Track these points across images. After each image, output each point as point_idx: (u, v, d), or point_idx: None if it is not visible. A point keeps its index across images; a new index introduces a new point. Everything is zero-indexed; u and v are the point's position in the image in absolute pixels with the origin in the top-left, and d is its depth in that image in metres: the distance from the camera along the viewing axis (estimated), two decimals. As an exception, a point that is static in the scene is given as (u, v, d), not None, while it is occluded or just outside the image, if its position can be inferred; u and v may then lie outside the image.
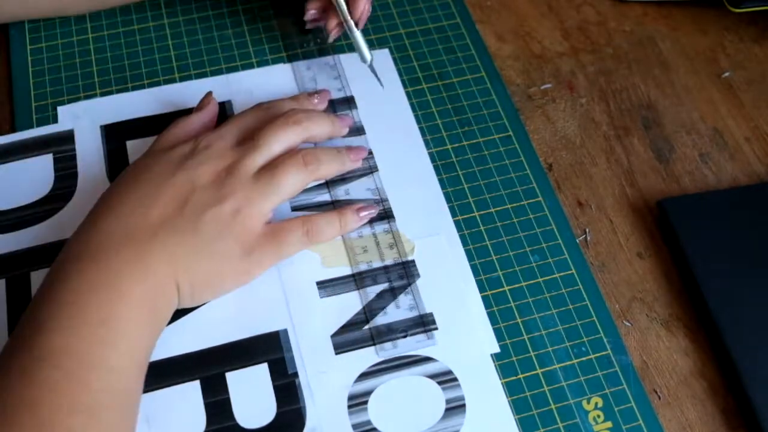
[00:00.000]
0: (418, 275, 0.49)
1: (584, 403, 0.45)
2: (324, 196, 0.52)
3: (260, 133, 0.47)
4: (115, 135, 0.54)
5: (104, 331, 0.40)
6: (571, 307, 0.48)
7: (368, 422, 0.44)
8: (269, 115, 0.49)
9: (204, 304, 0.46)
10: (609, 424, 0.44)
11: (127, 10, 0.60)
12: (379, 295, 0.48)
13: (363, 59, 0.55)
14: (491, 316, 0.47)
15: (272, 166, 0.47)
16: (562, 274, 0.49)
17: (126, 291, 0.41)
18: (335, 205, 0.51)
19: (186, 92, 0.56)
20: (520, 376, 0.45)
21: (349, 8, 0.53)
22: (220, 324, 0.46)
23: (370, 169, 0.53)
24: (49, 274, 0.42)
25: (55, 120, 0.54)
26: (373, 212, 0.50)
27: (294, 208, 0.51)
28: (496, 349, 0.46)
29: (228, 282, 0.46)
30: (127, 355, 0.40)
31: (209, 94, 0.52)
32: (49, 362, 0.38)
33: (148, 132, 0.54)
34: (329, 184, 0.52)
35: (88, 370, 0.39)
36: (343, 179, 0.52)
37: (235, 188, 0.45)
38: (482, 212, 0.51)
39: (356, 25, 0.54)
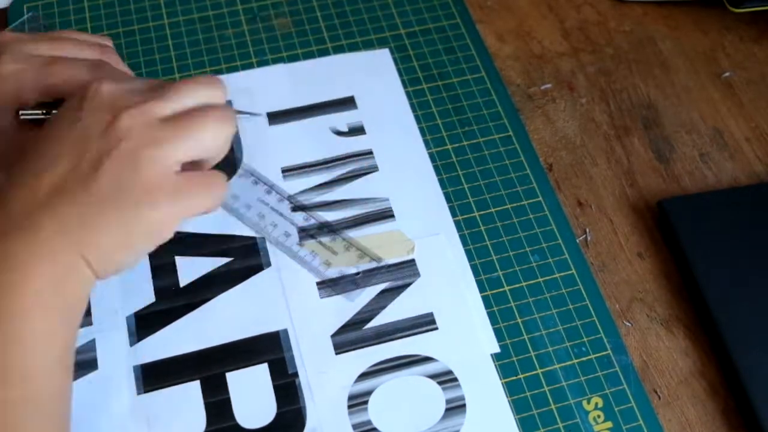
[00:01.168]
0: (418, 275, 0.49)
1: (584, 403, 0.45)
2: (323, 196, 0.52)
3: (174, 83, 0.41)
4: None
5: (7, 332, 0.35)
6: (571, 307, 0.48)
7: (368, 422, 0.44)
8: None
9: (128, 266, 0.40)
10: (609, 424, 0.44)
11: (128, 10, 0.61)
12: (380, 294, 0.48)
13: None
14: (491, 316, 0.47)
15: (186, 113, 0.40)
16: (562, 274, 0.49)
17: (23, 279, 0.35)
18: (338, 205, 0.51)
19: (186, 92, 0.56)
20: (520, 376, 0.45)
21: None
22: (220, 324, 0.46)
23: (370, 169, 0.53)
24: None
25: (55, 120, 0.54)
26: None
27: (294, 209, 0.51)
28: (496, 349, 0.46)
29: (140, 239, 0.39)
30: (41, 356, 0.35)
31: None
32: None
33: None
34: (330, 183, 0.52)
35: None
36: (344, 179, 0.52)
37: (135, 127, 0.38)
38: (482, 212, 0.51)
39: None
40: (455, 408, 0.44)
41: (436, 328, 0.47)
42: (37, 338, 0.35)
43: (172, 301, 0.47)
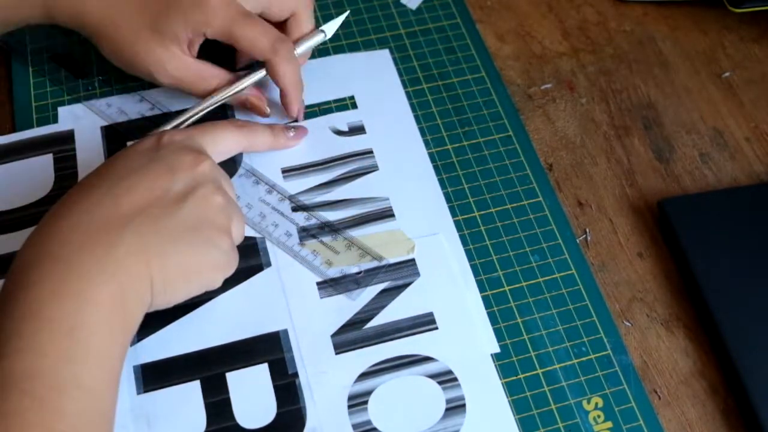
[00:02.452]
0: (418, 274, 0.49)
1: (584, 403, 0.45)
2: (324, 196, 0.52)
3: (211, 126, 0.48)
4: (115, 135, 0.54)
5: (72, 344, 0.36)
6: (571, 307, 0.48)
7: (368, 422, 0.44)
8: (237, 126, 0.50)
9: (184, 306, 0.44)
10: (609, 424, 0.44)
11: (127, 10, 0.61)
12: (380, 294, 0.48)
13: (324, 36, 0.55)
14: (491, 316, 0.47)
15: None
16: (562, 274, 0.49)
17: (94, 294, 0.37)
18: (338, 204, 0.51)
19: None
20: (521, 376, 0.45)
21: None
22: (220, 324, 0.46)
23: (371, 169, 0.53)
24: (6, 283, 0.38)
25: (55, 120, 0.54)
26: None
27: (295, 209, 0.51)
28: (496, 349, 0.46)
29: (206, 274, 0.43)
30: (99, 370, 0.37)
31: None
32: (16, 388, 0.34)
33: (148, 132, 0.54)
34: (330, 183, 0.52)
35: (59, 393, 0.35)
36: (344, 179, 0.52)
37: (215, 174, 0.44)
38: (482, 212, 0.51)
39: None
40: (455, 408, 0.44)
41: (436, 328, 0.47)
42: (98, 353, 0.37)
43: (172, 301, 0.47)
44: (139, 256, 0.39)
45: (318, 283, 0.48)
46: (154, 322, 0.46)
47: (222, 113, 0.54)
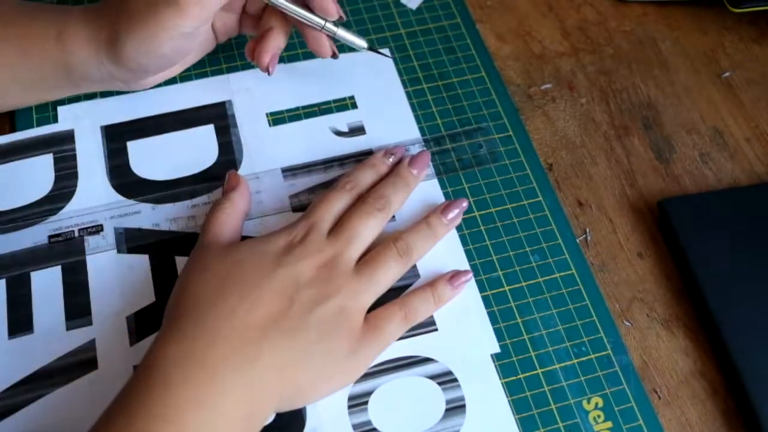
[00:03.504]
0: (418, 275, 0.49)
1: (584, 403, 0.45)
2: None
3: (350, 224, 0.46)
4: (115, 135, 0.54)
5: None
6: (571, 307, 0.48)
7: (368, 422, 0.44)
8: (354, 195, 0.49)
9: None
10: (609, 424, 0.44)
11: (127, 10, 0.61)
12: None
13: (359, 47, 0.53)
14: (491, 316, 0.47)
15: (371, 261, 0.46)
16: (562, 274, 0.49)
17: (228, 408, 0.39)
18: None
19: (186, 92, 0.56)
20: (521, 376, 0.45)
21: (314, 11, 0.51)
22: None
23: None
24: (147, 368, 0.39)
25: (55, 120, 0.54)
26: (469, 278, 0.48)
27: (294, 209, 0.51)
28: (496, 349, 0.46)
29: (334, 382, 0.44)
30: None
31: (233, 175, 0.50)
32: None
33: (149, 132, 0.54)
34: (330, 183, 0.52)
35: None
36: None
37: (339, 284, 0.44)
38: (482, 212, 0.51)
39: (334, 21, 0.51)
40: (455, 408, 0.44)
41: (436, 329, 0.47)
42: None
43: (172, 301, 0.47)
44: (277, 371, 0.41)
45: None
46: (154, 322, 0.46)
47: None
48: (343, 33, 0.52)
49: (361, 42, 0.53)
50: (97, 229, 0.50)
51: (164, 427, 0.37)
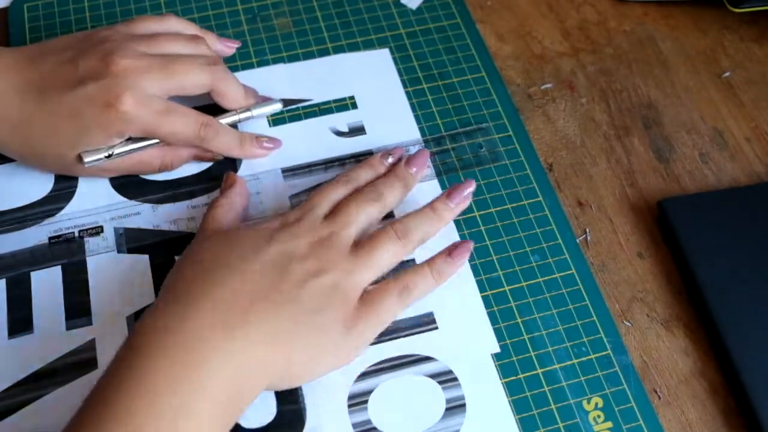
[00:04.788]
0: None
1: (584, 403, 0.45)
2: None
3: (346, 209, 0.46)
4: (115, 135, 0.54)
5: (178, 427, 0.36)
6: (571, 307, 0.48)
7: (368, 422, 0.44)
8: (350, 188, 0.48)
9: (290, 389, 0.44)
10: (609, 424, 0.44)
11: (128, 10, 0.61)
12: (379, 295, 0.48)
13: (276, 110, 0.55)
14: (491, 316, 0.47)
15: (368, 242, 0.45)
16: (562, 274, 0.49)
17: (210, 381, 0.38)
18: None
19: (186, 92, 0.56)
20: (521, 376, 0.45)
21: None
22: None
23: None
24: (125, 352, 0.39)
25: (55, 120, 0.54)
26: (469, 248, 0.47)
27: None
28: (496, 349, 0.46)
29: (330, 360, 0.43)
30: None
31: (230, 175, 0.50)
32: None
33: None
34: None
35: None
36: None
37: (335, 261, 0.44)
38: (482, 212, 0.51)
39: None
40: (455, 408, 0.44)
41: (436, 328, 0.47)
42: None
43: (172, 301, 0.47)
44: (261, 345, 0.40)
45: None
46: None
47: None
48: (258, 111, 0.53)
49: (276, 106, 0.54)
50: (98, 231, 0.50)
51: (142, 404, 0.36)
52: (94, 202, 0.51)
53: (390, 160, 0.51)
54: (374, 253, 0.45)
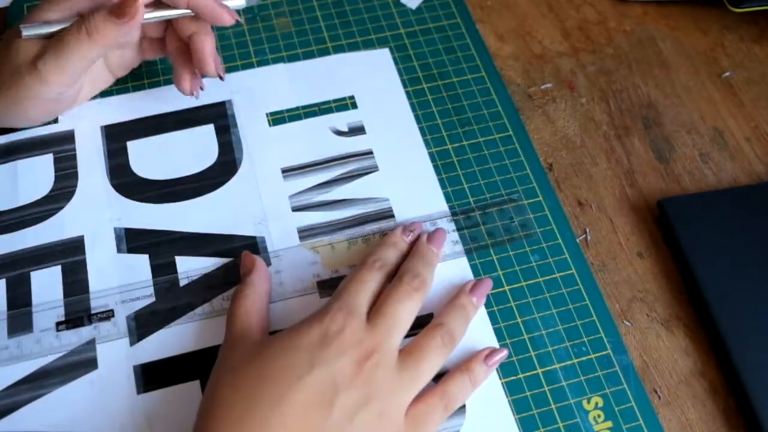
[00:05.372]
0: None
1: (584, 402, 0.45)
2: (323, 196, 0.52)
3: (389, 309, 0.43)
4: (115, 135, 0.54)
5: None
6: (571, 306, 0.48)
7: (368, 422, 0.44)
8: (384, 273, 0.45)
9: None
10: (609, 423, 0.44)
11: (127, 10, 0.61)
12: (380, 295, 0.48)
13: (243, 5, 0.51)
14: (491, 316, 0.47)
15: (414, 352, 0.43)
16: (562, 274, 0.49)
17: None
18: (338, 204, 0.51)
19: (186, 92, 0.56)
20: (521, 375, 0.45)
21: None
22: (220, 324, 0.46)
23: (370, 169, 0.53)
24: None
25: (55, 120, 0.54)
26: (504, 356, 0.45)
27: (294, 209, 0.51)
28: (496, 349, 0.46)
29: None
30: None
31: (247, 255, 0.47)
32: None
33: (149, 132, 0.54)
34: (330, 183, 0.52)
35: None
36: (343, 179, 0.52)
37: (381, 383, 0.41)
38: (482, 212, 0.51)
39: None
40: (455, 408, 0.44)
41: (436, 328, 0.47)
42: None
43: (172, 301, 0.47)
44: None
45: (318, 283, 0.48)
46: (154, 322, 0.46)
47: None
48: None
49: (240, 1, 0.51)
50: (108, 315, 0.48)
51: None
52: (93, 201, 0.51)
53: (410, 237, 0.48)
54: (421, 365, 0.42)
